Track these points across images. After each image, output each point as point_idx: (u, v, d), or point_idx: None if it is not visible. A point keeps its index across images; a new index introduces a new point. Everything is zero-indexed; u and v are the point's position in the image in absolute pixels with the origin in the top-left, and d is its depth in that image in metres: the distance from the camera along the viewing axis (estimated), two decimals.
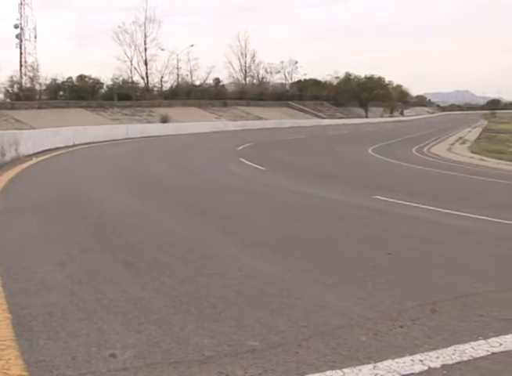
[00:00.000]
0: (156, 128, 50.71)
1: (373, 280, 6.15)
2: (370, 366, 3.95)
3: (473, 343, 4.38)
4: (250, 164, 22.50)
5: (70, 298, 5.47)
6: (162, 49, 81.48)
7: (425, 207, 11.67)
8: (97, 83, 74.03)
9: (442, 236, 8.96)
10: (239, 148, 31.87)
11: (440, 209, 11.34)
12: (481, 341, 4.41)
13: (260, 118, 76.35)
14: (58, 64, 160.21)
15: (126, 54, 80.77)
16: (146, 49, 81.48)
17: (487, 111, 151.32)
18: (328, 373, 3.86)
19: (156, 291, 5.71)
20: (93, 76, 74.00)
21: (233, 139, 42.26)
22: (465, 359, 4.10)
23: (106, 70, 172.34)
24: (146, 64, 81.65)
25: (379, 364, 3.97)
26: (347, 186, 16.24)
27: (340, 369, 3.90)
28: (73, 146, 32.03)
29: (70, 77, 72.26)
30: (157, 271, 6.47)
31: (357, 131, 62.62)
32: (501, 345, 4.35)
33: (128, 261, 6.94)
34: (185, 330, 4.61)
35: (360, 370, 3.89)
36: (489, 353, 4.20)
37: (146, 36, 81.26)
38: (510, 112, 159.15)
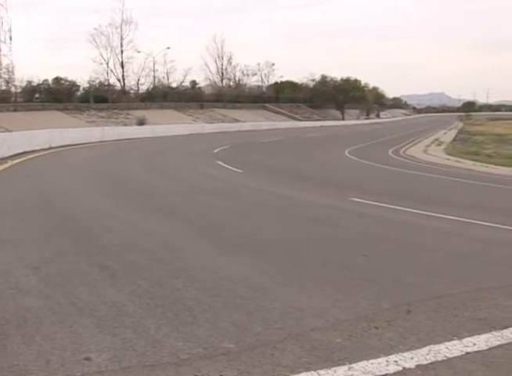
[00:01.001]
0: (132, 131, 50.41)
1: (348, 281, 6.18)
2: (345, 367, 3.97)
3: (447, 343, 4.42)
4: (226, 166, 22.47)
5: (44, 301, 5.44)
6: (138, 52, 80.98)
7: (401, 208, 11.74)
8: (73, 85, 73.47)
9: (417, 237, 9.01)
10: (216, 150, 31.82)
11: (415, 210, 11.41)
12: (456, 342, 4.45)
13: (237, 120, 76.22)
14: (34, 66, 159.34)
15: (102, 56, 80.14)
16: (122, 52, 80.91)
17: (462, 113, 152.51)
18: (303, 374, 3.87)
19: (131, 294, 5.69)
20: (69, 78, 73.38)
21: (210, 141, 42.18)
22: (439, 359, 4.14)
23: (82, 72, 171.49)
24: (122, 67, 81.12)
25: (354, 365, 3.99)
26: (324, 188, 16.28)
27: (315, 370, 3.92)
28: (50, 148, 31.79)
29: (46, 80, 71.64)
30: (133, 274, 6.45)
31: (334, 133, 62.73)
32: (475, 344, 4.39)
33: (103, 264, 6.91)
34: (161, 333, 4.60)
35: (335, 372, 3.90)
36: (463, 353, 4.24)
37: (122, 38, 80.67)
38: (484, 114, 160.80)
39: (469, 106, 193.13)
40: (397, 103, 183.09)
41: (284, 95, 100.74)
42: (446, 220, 10.46)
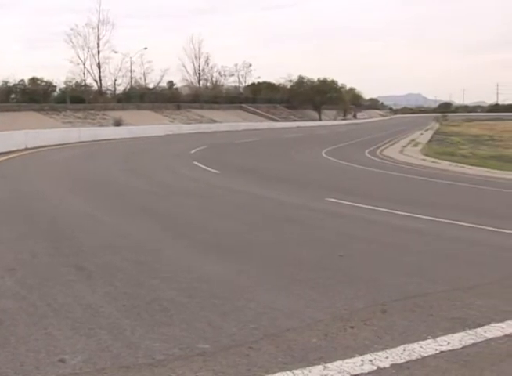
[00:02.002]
0: (109, 132, 50.14)
1: (324, 281, 6.20)
2: (320, 367, 3.98)
3: (422, 342, 4.45)
4: (203, 167, 22.44)
5: (20, 303, 5.41)
6: (115, 52, 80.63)
7: (377, 208, 11.80)
8: (50, 86, 73.09)
9: (393, 237, 9.06)
10: (193, 151, 31.77)
11: (391, 210, 11.47)
12: (430, 340, 4.49)
13: (214, 121, 76.16)
14: (9, 67, 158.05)
15: (79, 57, 79.60)
16: (99, 52, 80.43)
17: (438, 114, 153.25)
18: (278, 374, 3.88)
19: (107, 295, 5.67)
20: (45, 79, 73.05)
21: (187, 142, 42.09)
22: (414, 358, 4.17)
23: (58, 72, 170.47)
24: (99, 67, 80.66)
25: (329, 365, 4.01)
26: (301, 188, 16.31)
27: (290, 370, 3.93)
28: (26, 149, 31.56)
29: (22, 80, 71.25)
30: (109, 275, 6.43)
31: (311, 134, 62.87)
32: (449, 343, 4.43)
33: (79, 265, 6.88)
34: (136, 334, 4.59)
35: (310, 371, 3.91)
36: (437, 352, 4.27)
37: (99, 38, 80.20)
38: (460, 115, 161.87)
39: (445, 107, 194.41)
40: (374, 104, 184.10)
41: (261, 96, 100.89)
42: (422, 220, 10.53)
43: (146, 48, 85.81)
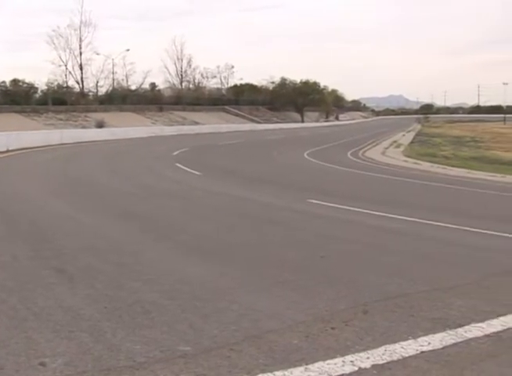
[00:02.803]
0: (91, 134, 49.99)
1: (305, 282, 6.20)
2: (302, 368, 3.98)
3: (403, 343, 4.46)
4: (185, 169, 22.42)
5: (0, 306, 5.36)
6: (97, 54, 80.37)
7: (359, 209, 11.83)
8: (31, 87, 72.80)
9: (374, 237, 9.09)
10: (175, 153, 31.72)
11: (373, 212, 11.50)
12: (411, 341, 4.50)
13: (196, 123, 76.11)
14: None
15: (61, 58, 79.18)
16: (81, 53, 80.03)
17: (420, 116, 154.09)
18: None
19: (88, 298, 5.64)
20: (27, 80, 72.79)
21: (169, 143, 42.01)
22: (395, 358, 4.17)
23: (40, 74, 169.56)
24: (81, 69, 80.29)
25: (310, 366, 4.00)
26: (283, 190, 16.32)
27: (271, 372, 3.92)
28: (7, 151, 31.37)
29: (4, 82, 70.95)
30: (90, 277, 6.40)
31: (293, 135, 62.97)
32: (429, 344, 4.44)
33: (60, 268, 6.84)
34: (117, 337, 4.56)
35: (291, 373, 3.91)
36: (418, 352, 4.28)
37: (81, 40, 79.78)
38: (442, 116, 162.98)
39: (427, 109, 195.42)
40: (356, 106, 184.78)
41: (244, 98, 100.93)
42: (401, 221, 10.58)
43: (128, 50, 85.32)
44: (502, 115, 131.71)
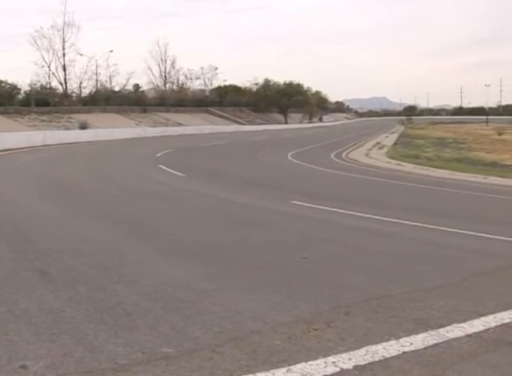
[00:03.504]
0: (74, 135, 49.76)
1: (288, 284, 6.21)
2: (284, 369, 3.99)
3: (385, 343, 4.48)
4: (169, 170, 22.38)
5: None
6: (81, 55, 79.92)
7: (341, 211, 11.87)
8: (14, 88, 72.25)
9: (357, 239, 9.12)
10: (159, 154, 31.63)
11: (356, 213, 11.54)
12: (393, 342, 4.52)
13: (180, 124, 75.96)
14: None
15: (44, 59, 78.77)
16: (64, 54, 79.67)
17: (403, 117, 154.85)
18: None
19: (70, 300, 5.62)
20: (10, 81, 72.25)
21: (153, 145, 41.88)
22: (377, 359, 4.19)
23: (23, 75, 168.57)
24: (64, 70, 79.91)
25: (292, 367, 4.01)
26: (266, 191, 16.32)
27: (253, 373, 3.92)
28: None
29: None
30: (72, 280, 6.37)
31: (277, 137, 62.99)
32: (411, 344, 4.46)
33: (43, 270, 6.81)
34: (99, 339, 4.55)
35: (274, 374, 3.92)
36: (400, 353, 4.30)
37: (64, 41, 79.44)
38: (425, 118, 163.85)
39: (410, 111, 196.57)
40: (339, 107, 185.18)
41: (227, 99, 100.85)
42: (386, 222, 10.61)
43: (111, 51, 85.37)
44: (484, 117, 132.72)
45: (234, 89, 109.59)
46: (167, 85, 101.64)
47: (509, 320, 5.08)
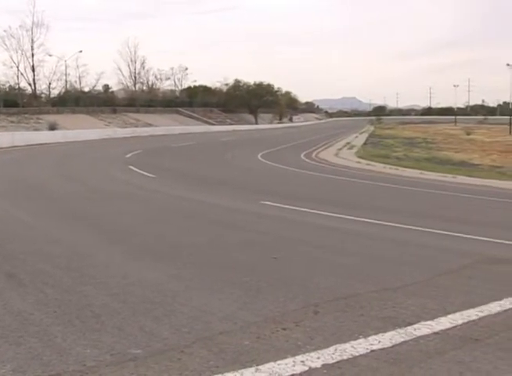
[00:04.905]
0: (43, 136, 49.35)
1: (257, 284, 6.22)
2: (252, 369, 3.99)
3: (353, 342, 4.50)
4: (139, 171, 22.29)
5: None
6: (50, 55, 79.21)
7: (312, 211, 11.91)
8: None
9: (327, 239, 9.16)
10: (128, 155, 31.49)
11: (326, 213, 11.59)
12: (361, 340, 4.54)
13: (150, 125, 75.62)
14: None
15: (12, 59, 77.99)
16: (33, 55, 78.90)
17: (373, 117, 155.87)
18: None
19: (38, 303, 5.57)
20: None
21: (122, 146, 41.66)
22: (345, 357, 4.21)
23: None
24: (33, 70, 79.16)
25: (261, 367, 4.02)
26: (236, 192, 16.34)
27: (222, 373, 3.92)
28: None
29: None
30: (40, 282, 6.31)
31: (247, 137, 63.01)
32: (380, 342, 4.49)
33: (10, 272, 6.74)
34: (67, 341, 4.52)
35: (242, 374, 3.92)
36: (368, 351, 4.33)
37: (33, 41, 78.73)
38: (395, 118, 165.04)
39: (380, 111, 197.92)
40: (310, 108, 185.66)
41: (197, 100, 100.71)
42: (358, 222, 10.67)
43: (81, 52, 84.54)
44: (453, 117, 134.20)
45: (204, 90, 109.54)
46: (137, 86, 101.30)
47: (475, 317, 5.14)
